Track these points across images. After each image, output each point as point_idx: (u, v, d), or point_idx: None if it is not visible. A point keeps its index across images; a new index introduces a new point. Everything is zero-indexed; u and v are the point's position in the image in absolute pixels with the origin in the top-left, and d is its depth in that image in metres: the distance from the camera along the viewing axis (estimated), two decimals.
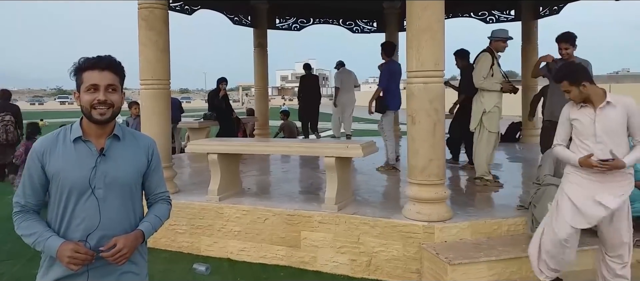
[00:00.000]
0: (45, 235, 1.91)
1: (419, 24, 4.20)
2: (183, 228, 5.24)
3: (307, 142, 6.11)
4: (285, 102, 51.50)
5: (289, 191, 5.69)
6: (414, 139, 4.34)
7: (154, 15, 5.44)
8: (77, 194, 1.94)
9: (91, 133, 1.99)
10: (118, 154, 2.02)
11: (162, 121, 5.60)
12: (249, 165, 7.68)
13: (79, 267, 1.86)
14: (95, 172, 1.95)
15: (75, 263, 1.84)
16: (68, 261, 1.83)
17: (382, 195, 5.65)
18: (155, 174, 2.17)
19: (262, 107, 10.80)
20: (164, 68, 5.56)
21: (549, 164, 4.37)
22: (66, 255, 1.83)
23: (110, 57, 1.99)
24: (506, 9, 9.99)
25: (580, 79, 3.29)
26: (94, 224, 1.94)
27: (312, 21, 10.99)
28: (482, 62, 5.76)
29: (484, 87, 5.70)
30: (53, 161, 1.95)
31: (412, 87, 4.32)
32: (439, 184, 4.32)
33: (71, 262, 1.83)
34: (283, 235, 4.81)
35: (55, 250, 1.86)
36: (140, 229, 2.04)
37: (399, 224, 4.34)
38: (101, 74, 1.93)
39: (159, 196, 2.21)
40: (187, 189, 5.83)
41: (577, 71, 3.35)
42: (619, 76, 52.25)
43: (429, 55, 4.19)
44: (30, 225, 1.95)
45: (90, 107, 1.93)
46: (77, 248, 1.85)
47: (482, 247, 4.11)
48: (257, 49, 10.36)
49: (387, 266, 4.40)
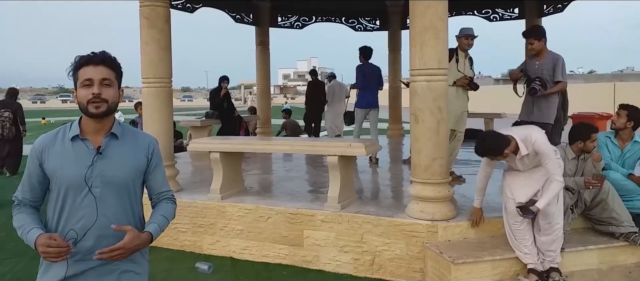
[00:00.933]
0: (28, 228, 1.91)
1: (422, 22, 4.18)
2: (185, 227, 5.22)
3: (309, 141, 6.10)
4: (288, 100, 51.47)
5: (291, 190, 5.67)
6: (417, 137, 4.32)
7: (155, 13, 5.43)
8: (74, 193, 1.94)
9: (89, 131, 1.99)
10: (116, 152, 2.01)
11: (164, 119, 5.59)
12: (251, 164, 7.67)
13: (56, 259, 1.82)
14: (92, 170, 1.95)
15: (50, 255, 1.81)
16: (42, 253, 1.82)
17: (385, 194, 5.62)
18: (157, 173, 2.16)
19: (264, 105, 10.78)
20: (165, 66, 5.54)
21: None
22: (40, 248, 1.82)
23: (104, 52, 1.99)
24: (510, 7, 9.93)
25: (499, 150, 3.73)
26: (91, 223, 1.94)
27: (314, 19, 10.95)
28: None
29: None
30: (51, 159, 1.96)
31: (415, 86, 4.30)
32: (442, 183, 4.29)
33: (46, 254, 1.81)
34: (285, 234, 4.79)
35: (33, 242, 1.86)
36: (149, 232, 2.01)
37: (402, 223, 4.32)
38: (95, 68, 1.94)
39: (163, 195, 2.19)
40: (189, 187, 5.82)
41: (491, 148, 3.79)
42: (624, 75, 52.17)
43: (432, 53, 4.17)
44: (20, 218, 1.97)
45: (86, 102, 1.93)
46: (50, 240, 1.82)
47: (485, 246, 4.08)
48: (259, 48, 10.33)
49: (391, 265, 4.38)
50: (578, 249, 4.09)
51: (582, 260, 4.11)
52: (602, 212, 4.27)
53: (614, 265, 4.17)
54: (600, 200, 4.27)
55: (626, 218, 4.20)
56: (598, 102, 17.82)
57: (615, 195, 4.25)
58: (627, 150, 4.61)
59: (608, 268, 4.12)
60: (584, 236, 4.32)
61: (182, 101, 67.11)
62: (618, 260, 4.19)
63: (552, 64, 5.17)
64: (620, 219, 4.18)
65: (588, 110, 11.13)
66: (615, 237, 4.21)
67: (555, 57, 5.19)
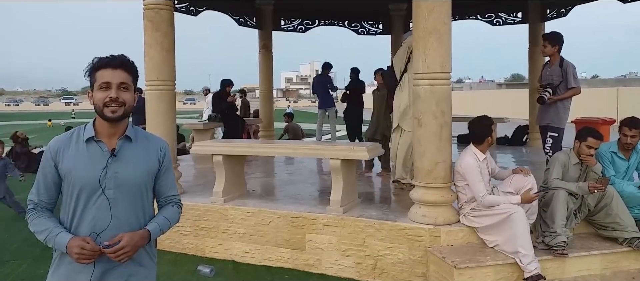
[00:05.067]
0: (56, 231, 1.94)
1: (425, 26, 4.17)
2: (187, 230, 5.22)
3: (312, 144, 6.09)
4: (290, 104, 51.47)
5: (293, 193, 5.67)
6: (420, 141, 4.31)
7: (159, 16, 5.44)
8: (88, 194, 1.96)
9: (103, 133, 2.01)
10: (129, 155, 2.02)
11: (168, 121, 5.59)
12: (254, 167, 7.67)
13: (88, 261, 1.88)
14: (106, 172, 1.97)
15: (84, 257, 1.86)
16: (77, 256, 1.86)
17: (387, 198, 5.61)
18: (167, 176, 2.17)
19: (267, 109, 10.78)
20: (169, 69, 5.56)
21: (557, 167, 4.33)
22: (74, 250, 1.86)
23: (123, 56, 2.01)
24: (513, 11, 9.93)
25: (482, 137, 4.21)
26: (105, 224, 1.96)
27: (317, 23, 10.94)
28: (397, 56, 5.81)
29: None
30: (66, 160, 1.98)
31: (418, 90, 4.30)
32: (445, 187, 4.28)
33: (80, 256, 1.86)
34: (288, 237, 4.79)
35: (65, 245, 1.89)
36: (147, 229, 2.03)
37: (405, 228, 4.31)
38: (114, 72, 1.95)
39: (170, 198, 2.20)
40: (192, 190, 5.82)
41: (474, 133, 4.26)
42: (627, 80, 52.06)
43: (436, 57, 4.16)
44: (41, 222, 1.98)
45: (102, 105, 1.94)
46: (84, 243, 1.87)
47: (488, 251, 4.06)
48: (262, 51, 10.33)
49: (393, 270, 4.37)
50: (581, 254, 4.07)
51: (585, 265, 4.09)
52: (606, 217, 4.24)
53: (617, 270, 4.14)
54: (604, 205, 4.25)
55: (630, 223, 4.17)
56: (602, 107, 17.74)
57: (619, 200, 4.23)
58: (633, 160, 4.58)
59: (611, 274, 4.10)
60: (587, 242, 4.30)
61: (185, 104, 67.25)
62: (621, 266, 4.16)
63: (561, 71, 5.28)
64: (624, 225, 4.16)
65: (591, 115, 11.08)
66: (618, 242, 4.19)
67: (565, 64, 5.28)
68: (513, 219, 3.86)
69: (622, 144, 4.53)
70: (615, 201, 4.22)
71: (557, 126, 5.30)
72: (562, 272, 4.01)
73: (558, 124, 5.31)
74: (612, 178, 4.45)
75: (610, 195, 4.23)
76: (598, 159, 4.45)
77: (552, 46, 5.31)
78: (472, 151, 4.22)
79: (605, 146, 4.61)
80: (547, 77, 5.40)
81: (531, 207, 4.12)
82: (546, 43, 5.35)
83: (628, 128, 4.46)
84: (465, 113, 16.63)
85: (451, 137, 4.39)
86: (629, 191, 4.35)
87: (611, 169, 4.54)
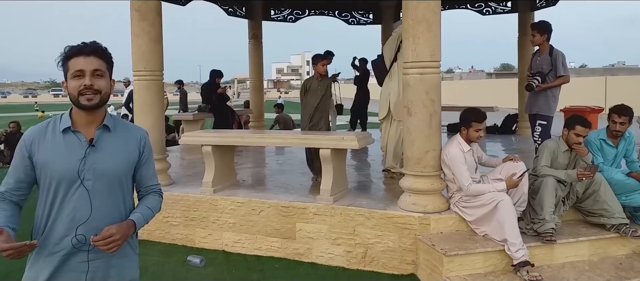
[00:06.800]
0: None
1: (415, 15, 4.17)
2: (177, 220, 5.20)
3: (302, 134, 6.07)
4: (281, 95, 51.31)
5: (283, 183, 5.65)
6: (409, 130, 4.31)
7: (146, 5, 5.37)
8: (66, 186, 1.90)
9: (81, 123, 1.95)
10: (108, 144, 1.97)
11: (155, 112, 5.54)
12: (244, 157, 7.64)
13: (13, 257, 1.73)
14: (85, 163, 1.91)
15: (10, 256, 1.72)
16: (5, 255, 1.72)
17: (377, 186, 5.62)
18: (147, 166, 2.13)
19: (257, 99, 10.74)
20: (156, 59, 5.50)
21: (546, 155, 4.36)
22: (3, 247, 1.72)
23: (95, 42, 1.95)
24: (503, 0, 9.95)
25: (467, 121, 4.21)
26: (85, 216, 1.90)
27: (307, 13, 10.89)
28: (386, 45, 5.79)
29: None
30: (42, 152, 1.92)
31: (407, 78, 4.29)
32: (435, 176, 4.30)
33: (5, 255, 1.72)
34: (278, 227, 4.78)
35: None
36: (132, 219, 1.99)
37: (395, 216, 4.32)
38: (87, 59, 1.89)
39: (151, 188, 2.17)
40: (181, 181, 5.79)
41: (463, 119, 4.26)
42: (615, 69, 52.52)
43: (425, 46, 4.16)
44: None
45: (77, 94, 1.89)
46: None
47: (477, 238, 4.09)
48: (252, 41, 10.28)
49: (383, 258, 4.39)
50: (569, 240, 4.11)
51: (574, 251, 4.14)
52: (594, 204, 4.28)
53: (605, 256, 4.19)
54: (592, 192, 4.29)
55: (617, 210, 4.21)
56: (590, 95, 17.87)
57: (607, 187, 4.27)
58: (621, 147, 4.62)
59: (599, 259, 4.14)
60: (575, 228, 4.34)
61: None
62: (609, 252, 4.22)
63: (550, 59, 5.31)
64: (611, 211, 4.20)
65: (580, 104, 11.16)
66: (606, 229, 4.23)
67: (554, 53, 5.31)
68: (499, 207, 3.89)
69: (611, 131, 4.56)
70: (603, 188, 4.26)
71: (546, 114, 5.34)
72: (550, 258, 4.05)
73: (547, 112, 5.35)
74: (600, 165, 4.48)
75: (599, 182, 4.27)
76: (587, 146, 4.49)
77: (541, 35, 5.34)
78: (457, 140, 4.23)
79: (594, 133, 4.64)
80: (536, 66, 5.43)
81: (522, 196, 4.14)
82: (535, 32, 5.38)
83: (617, 115, 4.49)
84: (455, 103, 16.69)
85: (441, 126, 4.40)
86: (617, 178, 4.39)
87: (600, 156, 4.57)
